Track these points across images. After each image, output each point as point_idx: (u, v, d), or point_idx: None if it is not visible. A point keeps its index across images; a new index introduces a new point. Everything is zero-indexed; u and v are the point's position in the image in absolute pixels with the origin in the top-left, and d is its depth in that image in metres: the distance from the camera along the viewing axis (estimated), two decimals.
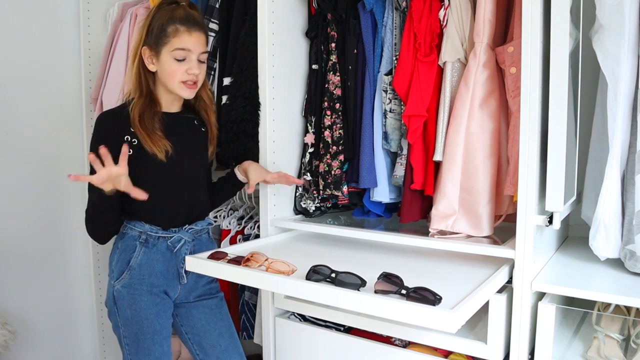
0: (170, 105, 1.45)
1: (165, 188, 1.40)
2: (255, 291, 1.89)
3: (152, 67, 1.38)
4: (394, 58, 1.52)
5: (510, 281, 1.24)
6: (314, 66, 1.66)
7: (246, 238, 1.89)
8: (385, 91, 1.52)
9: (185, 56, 1.35)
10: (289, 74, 1.66)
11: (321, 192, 1.61)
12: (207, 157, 1.53)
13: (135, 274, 1.39)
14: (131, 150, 1.32)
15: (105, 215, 1.37)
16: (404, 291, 1.02)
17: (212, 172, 1.68)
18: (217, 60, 1.85)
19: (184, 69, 1.35)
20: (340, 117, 1.59)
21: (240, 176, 1.55)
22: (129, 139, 1.35)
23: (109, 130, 1.35)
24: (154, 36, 1.35)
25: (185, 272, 1.44)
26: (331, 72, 1.61)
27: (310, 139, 1.66)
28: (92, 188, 1.28)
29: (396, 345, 1.41)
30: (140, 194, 1.24)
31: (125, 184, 1.23)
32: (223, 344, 1.49)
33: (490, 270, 1.23)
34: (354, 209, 1.73)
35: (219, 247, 1.89)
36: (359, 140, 1.57)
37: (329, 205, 1.69)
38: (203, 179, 1.52)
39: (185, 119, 1.48)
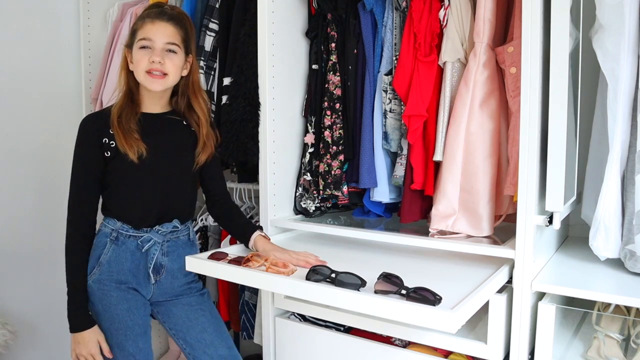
0: (152, 105, 1.44)
1: (139, 187, 1.40)
2: (255, 291, 1.89)
3: (131, 67, 1.39)
4: (394, 58, 1.52)
5: (510, 281, 1.24)
6: (314, 66, 1.66)
7: None
8: (385, 91, 1.52)
9: (147, 45, 1.35)
10: (289, 74, 1.66)
11: (321, 192, 1.61)
12: (192, 159, 1.46)
13: (104, 270, 1.40)
14: (109, 152, 1.36)
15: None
16: (403, 291, 1.02)
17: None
18: (217, 60, 1.85)
19: (147, 57, 1.35)
20: (340, 117, 1.59)
21: (250, 243, 1.45)
22: (107, 141, 1.36)
23: (90, 133, 1.38)
24: (130, 35, 1.39)
25: (155, 273, 1.44)
26: (331, 72, 1.61)
27: (310, 139, 1.66)
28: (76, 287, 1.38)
29: (396, 345, 1.40)
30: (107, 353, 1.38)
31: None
32: (207, 339, 1.47)
33: (490, 270, 1.23)
34: (354, 209, 1.73)
35: (219, 247, 1.89)
36: (359, 140, 1.57)
37: (329, 205, 1.69)
38: (182, 181, 1.47)
39: (169, 120, 1.46)
